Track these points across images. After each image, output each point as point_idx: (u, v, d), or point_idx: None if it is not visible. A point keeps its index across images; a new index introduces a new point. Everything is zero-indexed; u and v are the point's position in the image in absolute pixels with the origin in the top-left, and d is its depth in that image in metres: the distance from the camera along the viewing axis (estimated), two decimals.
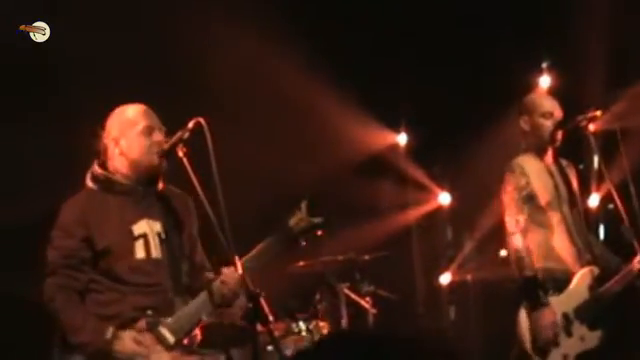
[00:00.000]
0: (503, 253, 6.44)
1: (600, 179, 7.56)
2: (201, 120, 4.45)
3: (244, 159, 7.22)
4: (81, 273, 4.60)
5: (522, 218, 5.83)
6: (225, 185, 4.36)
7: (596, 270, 5.88)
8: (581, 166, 7.65)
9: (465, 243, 9.34)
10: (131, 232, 4.64)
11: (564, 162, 6.19)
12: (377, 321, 7.68)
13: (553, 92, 8.55)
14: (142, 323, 4.54)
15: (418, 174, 9.46)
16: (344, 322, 7.40)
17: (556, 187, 6.00)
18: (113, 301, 4.59)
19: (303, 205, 4.89)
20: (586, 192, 7.39)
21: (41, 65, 6.41)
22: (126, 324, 4.53)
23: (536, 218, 5.92)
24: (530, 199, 5.89)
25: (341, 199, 8.32)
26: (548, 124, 6.00)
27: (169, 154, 4.64)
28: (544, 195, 5.93)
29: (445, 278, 9.44)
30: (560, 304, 5.76)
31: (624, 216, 5.82)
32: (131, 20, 7.05)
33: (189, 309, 4.62)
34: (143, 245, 4.64)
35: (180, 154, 4.57)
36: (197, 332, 4.72)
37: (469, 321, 9.47)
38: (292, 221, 4.85)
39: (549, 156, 6.08)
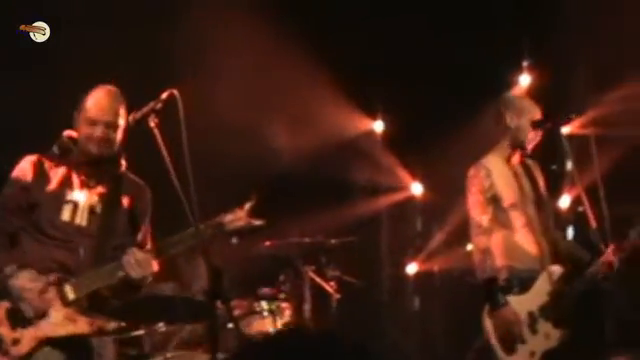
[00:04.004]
0: (470, 247, 6.49)
1: (572, 181, 7.56)
2: (174, 91, 4.47)
3: (218, 137, 7.22)
4: (14, 217, 4.91)
5: (486, 219, 5.91)
6: (195, 160, 4.37)
7: (560, 269, 5.93)
8: (554, 167, 7.69)
9: (434, 234, 9.33)
10: (64, 196, 4.94)
11: (530, 162, 6.23)
12: (340, 307, 7.69)
13: (532, 91, 8.59)
14: (53, 277, 4.77)
15: (392, 162, 9.45)
16: (307, 305, 7.41)
17: (521, 188, 6.05)
18: (34, 250, 4.85)
19: (247, 206, 4.91)
20: (557, 193, 7.41)
21: None
22: (40, 273, 4.77)
23: (500, 218, 5.97)
24: (494, 200, 5.95)
25: (313, 181, 8.35)
26: (530, 131, 6.05)
27: (140, 124, 4.67)
28: (508, 196, 5.99)
29: (412, 268, 9.45)
30: (525, 302, 5.83)
31: (592, 219, 5.87)
32: None
33: (95, 273, 4.81)
34: (70, 210, 4.93)
35: (151, 124, 4.59)
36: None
37: (433, 312, 9.50)
38: (228, 217, 4.89)
39: (516, 157, 6.12)
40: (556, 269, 5.93)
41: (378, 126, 9.56)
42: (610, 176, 6.55)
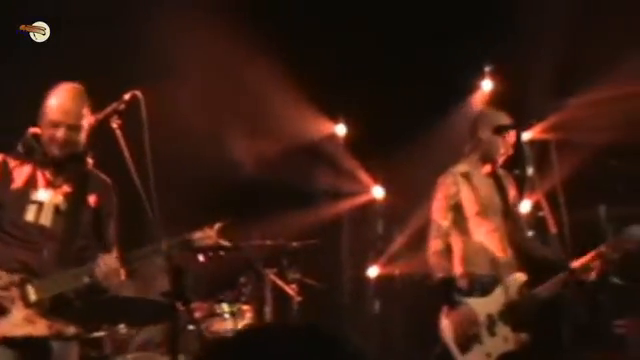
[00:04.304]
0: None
1: (533, 186, 7.61)
2: (137, 93, 4.46)
3: (180, 142, 7.20)
4: None
5: (445, 224, 6.10)
6: (158, 162, 4.37)
7: (523, 277, 6.02)
8: (516, 172, 7.73)
9: (395, 238, 9.34)
10: (28, 196, 4.88)
11: (502, 172, 6.32)
12: (301, 309, 7.69)
13: (494, 96, 8.64)
14: (15, 277, 4.73)
15: (354, 166, 9.45)
16: (268, 307, 7.42)
17: (489, 197, 6.17)
18: None
19: (217, 226, 4.91)
20: (519, 198, 7.44)
21: None
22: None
23: (462, 225, 6.13)
24: (458, 207, 6.12)
25: (275, 184, 8.33)
26: (501, 143, 6.17)
27: (102, 125, 4.67)
28: (473, 205, 6.13)
29: (373, 271, 9.45)
30: (485, 305, 5.94)
31: (552, 224, 5.95)
32: None
33: (60, 276, 4.77)
34: (35, 210, 4.87)
35: (114, 125, 4.60)
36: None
37: (394, 315, 9.51)
38: (197, 234, 4.89)
39: (487, 168, 6.23)
40: (519, 276, 6.02)
41: (340, 130, 9.57)
42: (570, 181, 6.61)
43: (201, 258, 4.96)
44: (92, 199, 5.03)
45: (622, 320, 6.82)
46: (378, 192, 9.57)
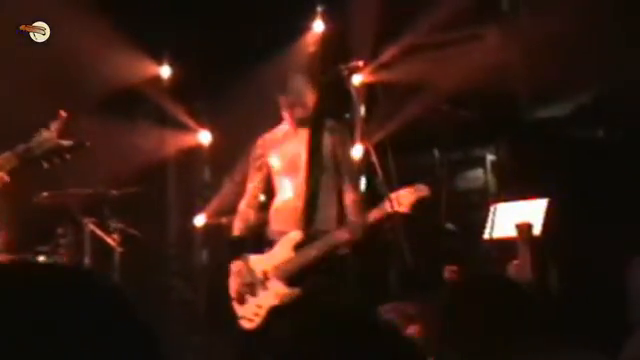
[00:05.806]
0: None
1: (363, 131, 7.63)
2: None
3: None
4: None
5: (251, 185, 6.56)
6: None
7: (299, 235, 6.24)
8: (347, 115, 7.72)
9: (223, 185, 9.09)
10: None
11: (330, 124, 6.34)
12: (124, 260, 7.45)
13: (326, 38, 8.54)
14: None
15: (179, 110, 9.13)
16: (87, 259, 7.24)
17: (293, 154, 6.35)
18: None
19: (53, 126, 4.70)
20: (351, 143, 7.42)
21: None
22: None
23: (271, 185, 6.50)
24: (265, 167, 6.48)
25: (94, 130, 7.95)
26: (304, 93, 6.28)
27: None
28: (277, 163, 6.42)
29: (199, 220, 9.17)
30: (262, 261, 6.37)
31: (379, 169, 6.06)
32: None
33: None
34: None
35: None
36: None
37: (222, 265, 9.31)
38: (35, 140, 4.65)
39: (297, 120, 6.32)
40: (295, 235, 6.26)
41: (165, 71, 9.20)
42: (403, 126, 6.64)
43: (45, 166, 4.62)
44: None
45: (452, 266, 6.90)
46: (205, 137, 9.26)
